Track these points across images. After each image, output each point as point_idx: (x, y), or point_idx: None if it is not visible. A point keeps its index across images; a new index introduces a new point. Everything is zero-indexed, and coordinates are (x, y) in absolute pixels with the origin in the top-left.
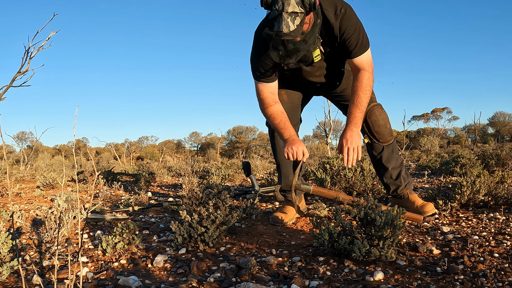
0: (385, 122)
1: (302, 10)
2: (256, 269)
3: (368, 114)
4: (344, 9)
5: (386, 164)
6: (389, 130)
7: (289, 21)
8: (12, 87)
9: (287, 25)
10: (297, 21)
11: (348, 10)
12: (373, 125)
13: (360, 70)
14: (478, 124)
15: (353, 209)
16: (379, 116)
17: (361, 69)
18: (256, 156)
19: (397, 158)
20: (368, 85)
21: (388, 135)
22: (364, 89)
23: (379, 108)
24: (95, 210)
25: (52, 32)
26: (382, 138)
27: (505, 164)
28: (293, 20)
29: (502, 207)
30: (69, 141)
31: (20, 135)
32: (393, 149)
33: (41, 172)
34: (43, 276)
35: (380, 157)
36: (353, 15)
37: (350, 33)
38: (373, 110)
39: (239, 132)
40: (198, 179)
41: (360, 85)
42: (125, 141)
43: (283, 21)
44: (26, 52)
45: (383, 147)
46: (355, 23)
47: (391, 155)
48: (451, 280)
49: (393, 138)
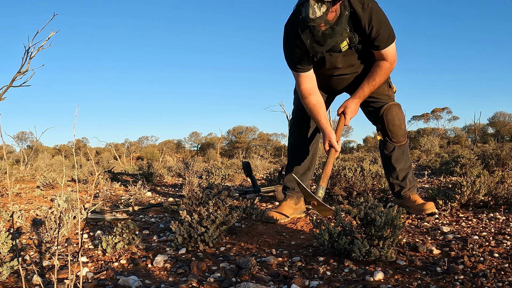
0: (401, 122)
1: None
2: (256, 269)
3: (385, 112)
4: (371, 3)
5: (395, 164)
6: (403, 131)
7: (316, 8)
8: (12, 87)
9: (313, 11)
10: (323, 8)
11: (375, 4)
12: (388, 124)
13: (383, 60)
14: (478, 124)
15: (353, 209)
16: (396, 115)
17: (386, 59)
18: (256, 156)
19: (406, 160)
20: (386, 73)
21: (401, 136)
22: (381, 75)
23: (397, 107)
24: (95, 210)
25: (52, 32)
26: (395, 138)
27: (505, 164)
28: (320, 7)
29: (502, 207)
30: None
31: (20, 135)
32: (404, 150)
33: (41, 172)
34: (43, 276)
35: (390, 156)
36: (380, 9)
37: (378, 26)
38: (391, 109)
39: (239, 132)
40: (198, 179)
41: (380, 71)
42: (125, 141)
43: (310, 8)
44: (26, 52)
45: (394, 147)
46: (382, 16)
47: (401, 156)
48: (451, 280)
49: (406, 140)
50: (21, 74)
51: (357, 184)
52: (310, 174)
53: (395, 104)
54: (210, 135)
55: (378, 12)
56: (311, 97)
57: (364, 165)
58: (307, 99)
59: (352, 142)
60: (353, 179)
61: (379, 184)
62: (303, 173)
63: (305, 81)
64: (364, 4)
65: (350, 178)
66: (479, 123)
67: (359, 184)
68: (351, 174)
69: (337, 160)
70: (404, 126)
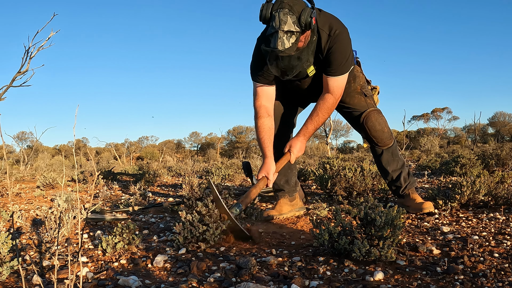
0: (382, 127)
1: (298, 29)
2: (256, 269)
3: (364, 120)
4: (338, 31)
5: (386, 166)
6: (388, 134)
7: (285, 39)
8: (12, 87)
9: (282, 43)
10: (293, 39)
11: (342, 33)
12: (370, 130)
13: (328, 93)
14: (478, 124)
15: (353, 209)
16: (375, 121)
17: (330, 91)
18: (256, 156)
19: (397, 160)
20: (330, 109)
21: (386, 139)
22: (324, 110)
23: (375, 113)
24: (95, 210)
25: (52, 32)
26: (381, 142)
27: (505, 164)
28: (289, 38)
29: (502, 207)
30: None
31: (20, 135)
32: (392, 152)
33: (41, 172)
34: (43, 276)
35: (380, 160)
36: (346, 38)
37: (335, 53)
38: (370, 116)
39: (239, 132)
40: (198, 179)
41: (323, 107)
42: (125, 141)
43: (279, 39)
44: (26, 52)
45: (382, 151)
46: (344, 46)
47: (391, 158)
48: (451, 280)
49: (393, 141)
50: (21, 74)
51: (357, 184)
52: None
53: (373, 109)
54: (210, 135)
55: (342, 41)
56: (265, 120)
57: (364, 165)
58: (260, 121)
59: (352, 142)
60: (353, 179)
61: (379, 184)
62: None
63: (262, 96)
64: (332, 31)
65: (350, 178)
66: (479, 123)
67: (359, 184)
68: (351, 174)
69: (337, 160)
70: (387, 129)
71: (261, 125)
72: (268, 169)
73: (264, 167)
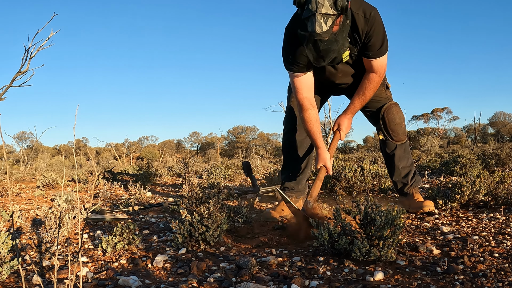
0: (401, 121)
1: (334, 12)
2: (256, 269)
3: (385, 111)
4: (373, 13)
5: (397, 162)
6: (404, 130)
7: (322, 22)
8: (12, 87)
9: (320, 26)
10: (329, 22)
11: (377, 14)
12: (389, 123)
13: (372, 72)
14: (478, 124)
15: (353, 209)
16: (396, 114)
17: (374, 71)
18: (256, 156)
19: (408, 158)
20: (375, 87)
21: (402, 134)
22: (370, 89)
23: (396, 107)
24: (95, 210)
25: (52, 32)
26: (397, 136)
27: (505, 164)
28: (326, 21)
29: (502, 207)
30: (69, 141)
31: (20, 135)
32: (405, 148)
33: (41, 172)
34: (43, 276)
35: (393, 155)
36: (380, 18)
37: (375, 35)
38: (391, 108)
39: (239, 132)
40: (198, 179)
41: (369, 84)
42: (125, 141)
43: (316, 22)
44: (26, 52)
45: (396, 146)
46: (381, 27)
47: (403, 154)
48: (451, 280)
49: (407, 138)
50: (21, 74)
51: (357, 184)
52: (307, 172)
53: (394, 103)
54: (210, 135)
55: (379, 22)
56: (311, 112)
57: (364, 165)
58: (307, 113)
59: (352, 142)
60: (353, 179)
61: (379, 184)
62: (301, 173)
63: (303, 88)
64: (366, 13)
65: (350, 178)
66: (479, 123)
67: (359, 184)
68: (351, 174)
69: (337, 160)
70: (404, 125)
71: (307, 117)
72: (324, 159)
73: (320, 158)
